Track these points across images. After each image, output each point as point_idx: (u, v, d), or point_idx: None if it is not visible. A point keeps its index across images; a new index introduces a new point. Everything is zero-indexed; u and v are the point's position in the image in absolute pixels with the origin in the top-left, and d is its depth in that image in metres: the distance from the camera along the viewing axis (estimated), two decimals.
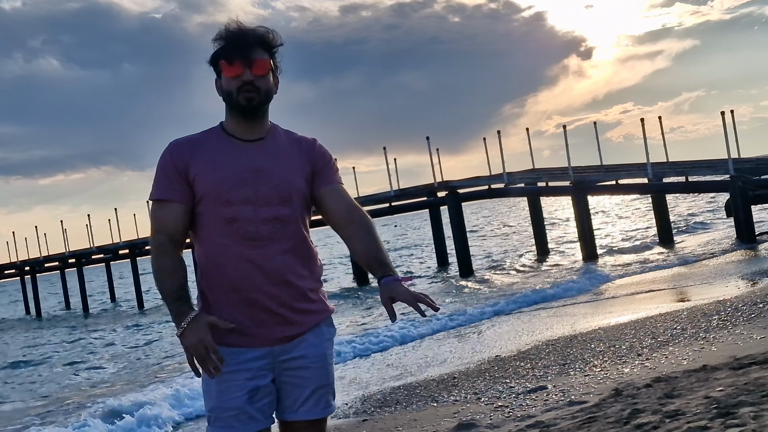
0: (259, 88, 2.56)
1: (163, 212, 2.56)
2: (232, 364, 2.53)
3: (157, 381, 11.10)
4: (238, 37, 2.57)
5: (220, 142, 2.60)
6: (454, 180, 23.60)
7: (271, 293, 2.53)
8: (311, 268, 2.64)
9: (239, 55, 2.54)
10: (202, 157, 2.56)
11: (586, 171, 21.98)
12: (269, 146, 2.61)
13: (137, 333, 20.12)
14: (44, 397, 11.64)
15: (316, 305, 2.64)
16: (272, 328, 2.55)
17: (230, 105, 2.60)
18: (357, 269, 25.09)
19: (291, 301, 2.56)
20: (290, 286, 2.55)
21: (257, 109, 2.58)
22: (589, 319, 10.44)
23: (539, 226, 25.04)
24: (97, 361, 15.50)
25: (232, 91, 2.56)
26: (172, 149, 2.60)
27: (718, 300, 9.94)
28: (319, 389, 2.62)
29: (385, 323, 12.82)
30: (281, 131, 2.68)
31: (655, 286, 13.32)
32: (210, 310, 2.57)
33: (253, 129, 2.61)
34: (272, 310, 2.54)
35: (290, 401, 2.61)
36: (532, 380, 6.83)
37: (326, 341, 2.66)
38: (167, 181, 2.56)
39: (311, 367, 2.60)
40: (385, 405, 7.01)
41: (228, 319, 2.53)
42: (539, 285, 16.47)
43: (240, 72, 2.54)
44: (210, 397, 2.58)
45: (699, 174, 20.07)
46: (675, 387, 5.22)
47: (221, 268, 2.54)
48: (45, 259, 34.19)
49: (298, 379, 2.59)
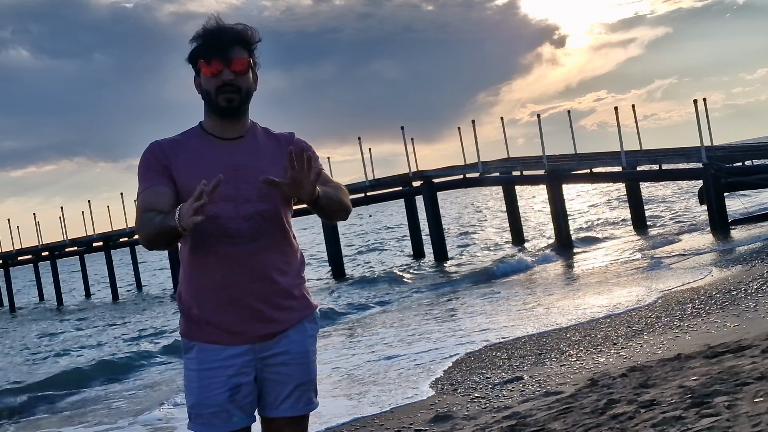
0: (240, 88, 2.54)
1: (149, 195, 2.50)
2: (214, 361, 2.53)
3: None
4: (216, 36, 2.53)
5: (200, 142, 2.58)
6: (429, 170, 23.62)
7: (254, 290, 2.52)
8: (293, 264, 2.63)
9: (218, 54, 2.52)
10: (183, 156, 2.55)
11: (561, 160, 22.08)
12: (248, 144, 2.60)
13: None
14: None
15: (298, 302, 2.63)
16: (254, 326, 2.53)
17: (209, 105, 2.58)
18: (333, 263, 25.02)
19: (273, 297, 2.55)
20: (272, 282, 2.55)
21: (237, 109, 2.56)
22: (562, 305, 10.48)
23: (514, 214, 25.13)
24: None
25: (210, 91, 2.54)
26: (154, 148, 2.58)
27: (692, 288, 10.04)
28: (300, 386, 2.60)
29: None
30: (260, 129, 2.67)
31: (627, 273, 13.39)
32: (192, 308, 2.57)
33: (233, 128, 2.59)
34: (254, 308, 2.52)
35: (272, 398, 2.59)
36: (508, 371, 6.85)
37: (308, 338, 2.64)
38: (151, 173, 2.54)
39: (292, 363, 2.58)
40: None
41: (210, 317, 2.53)
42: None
43: (219, 70, 2.52)
44: (191, 394, 2.57)
45: (672, 162, 20.21)
46: (650, 376, 5.25)
47: (204, 266, 2.53)
48: (18, 252, 33.77)
49: (280, 375, 2.58)
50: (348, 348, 10.10)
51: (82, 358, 14.47)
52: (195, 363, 2.57)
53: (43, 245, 32.60)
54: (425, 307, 13.36)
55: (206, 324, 2.55)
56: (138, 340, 15.92)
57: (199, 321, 2.56)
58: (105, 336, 17.94)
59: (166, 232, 2.36)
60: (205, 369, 2.52)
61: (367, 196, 24.99)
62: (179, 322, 2.65)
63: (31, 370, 14.13)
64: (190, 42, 2.58)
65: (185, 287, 2.60)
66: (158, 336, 15.89)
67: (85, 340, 17.93)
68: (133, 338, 16.32)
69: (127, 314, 22.73)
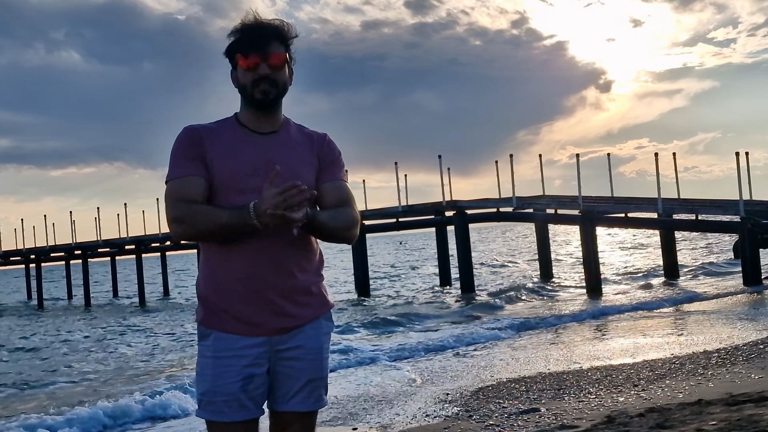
0: (276, 82, 2.58)
1: (182, 185, 2.54)
2: (230, 349, 2.55)
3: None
4: (254, 30, 2.58)
5: (235, 132, 2.62)
6: (463, 200, 23.61)
7: (275, 284, 2.55)
8: (313, 262, 2.66)
9: (255, 48, 2.56)
10: (217, 144, 2.58)
11: (596, 201, 21.94)
12: (282, 139, 2.64)
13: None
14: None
15: (317, 299, 2.65)
16: (272, 319, 2.56)
17: (245, 98, 2.62)
18: (358, 281, 25.05)
19: (293, 293, 2.58)
20: (293, 277, 2.57)
21: (273, 102, 2.60)
22: (587, 349, 10.38)
23: (545, 252, 24.99)
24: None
25: (246, 85, 2.58)
26: (190, 132, 2.62)
27: (718, 338, 9.90)
28: (312, 381, 2.62)
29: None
30: (294, 125, 2.71)
31: (657, 321, 13.25)
32: (211, 296, 2.59)
33: (267, 121, 2.63)
34: (273, 301, 2.55)
35: (282, 391, 2.61)
36: (525, 402, 6.80)
37: (323, 335, 2.67)
38: (186, 160, 2.57)
39: (306, 358, 2.60)
40: (376, 414, 6.97)
41: (228, 306, 2.55)
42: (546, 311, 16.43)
43: (256, 64, 2.56)
44: (204, 381, 2.59)
45: (709, 213, 20.00)
46: (668, 418, 5.18)
47: (227, 256, 2.56)
48: (51, 248, 34.23)
49: (292, 370, 2.60)
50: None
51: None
52: (210, 350, 2.59)
53: (76, 243, 33.05)
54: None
55: (224, 313, 2.57)
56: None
57: (217, 310, 2.58)
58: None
59: (232, 227, 2.44)
60: (220, 357, 2.55)
61: (399, 221, 25.03)
62: (197, 309, 2.67)
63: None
64: (228, 36, 2.62)
65: (205, 276, 2.62)
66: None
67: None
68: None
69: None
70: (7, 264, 38.58)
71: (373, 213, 25.07)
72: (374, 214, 25.09)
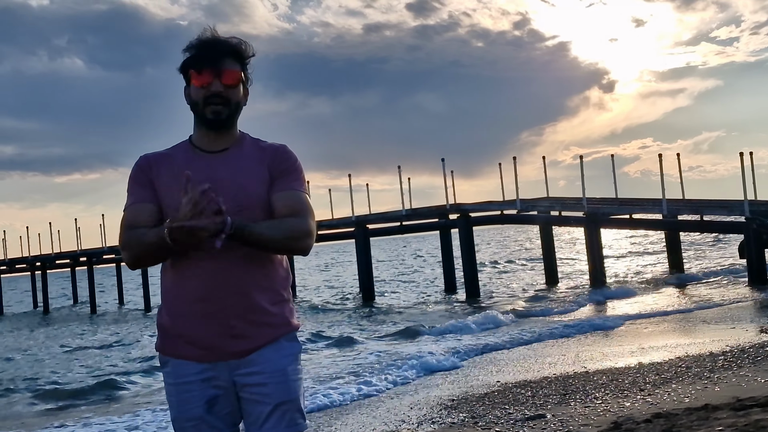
0: (229, 100, 2.51)
1: (131, 213, 2.52)
2: (189, 374, 2.51)
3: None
4: (209, 46, 2.52)
5: (186, 155, 2.56)
6: (467, 203, 23.59)
7: (229, 305, 2.47)
8: (274, 279, 2.56)
9: (209, 65, 2.50)
10: (166, 171, 2.53)
11: (601, 203, 21.92)
12: (232, 156, 2.55)
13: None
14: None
15: (276, 318, 2.55)
16: (227, 342, 2.48)
17: (197, 115, 2.56)
18: (364, 286, 25.07)
19: (248, 313, 2.49)
20: (250, 297, 2.49)
21: (224, 122, 2.53)
22: (595, 352, 10.36)
23: (550, 254, 24.95)
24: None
25: (198, 101, 2.52)
26: (142, 162, 2.59)
27: (724, 341, 9.87)
28: (281, 405, 2.51)
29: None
30: (249, 140, 2.62)
31: (662, 323, 13.22)
32: (166, 321, 2.55)
33: (219, 140, 2.56)
34: (229, 323, 2.48)
35: (252, 418, 2.53)
36: (531, 408, 6.78)
37: (286, 356, 2.55)
38: (138, 187, 2.55)
39: (269, 383, 2.50)
40: (382, 422, 6.96)
41: (183, 330, 2.51)
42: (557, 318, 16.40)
43: (209, 82, 2.50)
44: (172, 407, 2.56)
45: (714, 213, 19.97)
46: (675, 424, 5.17)
47: (181, 278, 2.51)
48: (56, 255, 34.32)
49: (257, 395, 2.51)
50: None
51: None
52: (171, 377, 2.55)
53: (81, 250, 33.11)
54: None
55: (178, 338, 2.52)
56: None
57: (172, 336, 2.53)
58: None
59: (158, 247, 2.36)
60: (181, 383, 2.51)
61: (402, 225, 25.01)
62: (156, 337, 2.61)
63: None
64: (183, 51, 2.55)
65: (163, 301, 2.58)
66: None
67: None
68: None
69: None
70: (12, 271, 38.66)
71: (376, 217, 25.07)
72: (378, 218, 25.09)
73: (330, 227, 25.75)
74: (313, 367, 11.04)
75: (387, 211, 25.31)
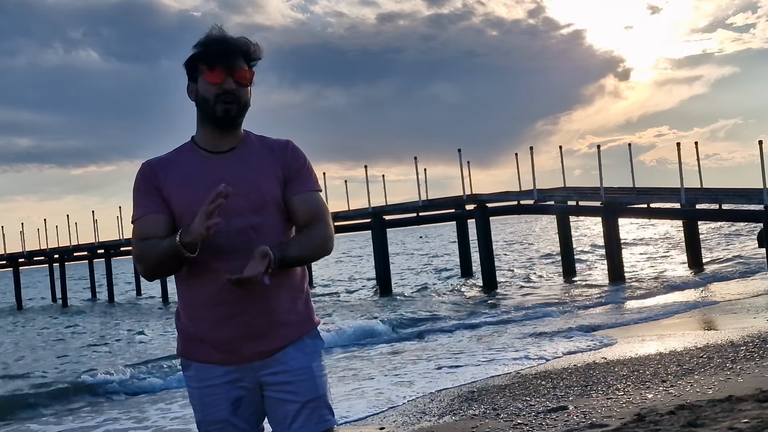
0: (239, 99, 2.49)
1: (145, 224, 2.48)
2: (211, 378, 2.50)
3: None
4: (221, 44, 2.49)
5: (191, 158, 2.53)
6: (483, 194, 23.54)
7: (249, 307, 2.45)
8: (293, 278, 2.54)
9: (222, 62, 2.47)
10: (173, 176, 2.50)
11: (618, 192, 21.78)
12: (241, 155, 2.53)
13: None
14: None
15: (297, 317, 2.55)
16: (250, 343, 2.47)
17: (205, 113, 2.52)
18: (381, 282, 25.06)
19: (269, 314, 2.48)
20: (270, 297, 2.46)
21: (234, 120, 2.51)
22: (613, 342, 10.34)
23: (567, 244, 24.84)
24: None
25: (209, 98, 2.48)
26: (143, 168, 2.55)
27: (746, 330, 9.81)
28: (309, 403, 2.51)
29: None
30: (254, 137, 2.60)
31: (681, 314, 13.18)
32: (188, 326, 2.55)
33: (225, 139, 2.53)
34: (250, 325, 2.46)
35: (281, 417, 2.52)
36: (553, 400, 6.77)
37: (310, 353, 2.55)
38: (146, 198, 2.51)
39: (296, 381, 2.50)
40: (403, 414, 6.98)
41: (204, 334, 2.50)
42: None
43: (222, 79, 2.46)
44: (196, 410, 2.56)
45: (733, 202, 19.80)
46: (699, 416, 5.14)
47: (198, 283, 2.48)
48: (74, 248, 34.56)
49: (285, 393, 2.50)
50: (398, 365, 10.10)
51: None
52: (194, 381, 2.55)
53: (99, 242, 33.32)
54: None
55: (200, 342, 2.51)
56: None
57: (194, 340, 2.52)
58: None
59: (171, 255, 2.35)
60: (204, 387, 2.51)
61: (419, 216, 25.01)
62: (177, 340, 2.60)
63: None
64: (193, 47, 2.52)
65: (182, 305, 2.57)
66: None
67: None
68: None
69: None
70: (31, 263, 38.96)
71: (393, 208, 25.06)
72: (394, 209, 25.08)
73: (347, 218, 25.78)
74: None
75: (403, 201, 25.32)
